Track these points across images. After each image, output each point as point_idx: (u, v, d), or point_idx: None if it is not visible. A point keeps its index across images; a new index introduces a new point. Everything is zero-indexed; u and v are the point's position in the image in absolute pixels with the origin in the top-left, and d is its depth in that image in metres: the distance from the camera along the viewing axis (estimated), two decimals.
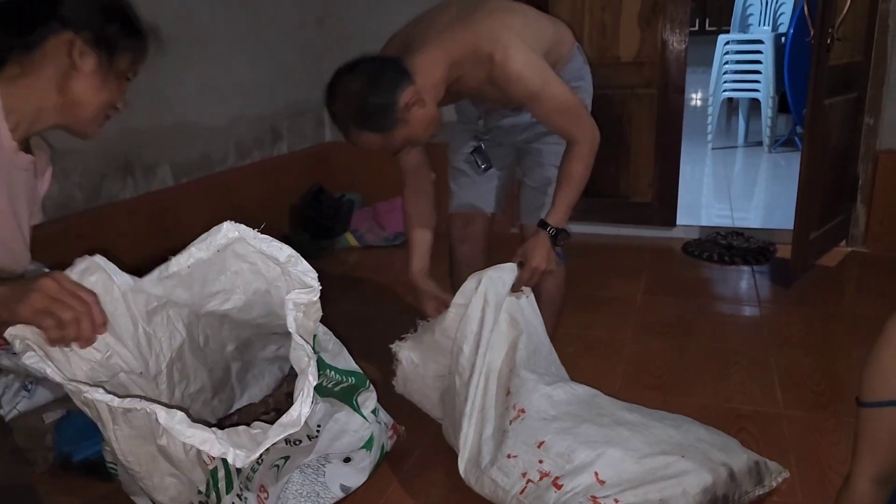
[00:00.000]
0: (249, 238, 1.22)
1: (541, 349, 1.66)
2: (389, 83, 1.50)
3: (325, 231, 3.36)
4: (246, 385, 1.63)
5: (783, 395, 1.96)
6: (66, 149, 2.25)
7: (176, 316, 1.32)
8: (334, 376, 1.35)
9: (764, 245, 3.17)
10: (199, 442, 1.04)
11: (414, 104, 1.53)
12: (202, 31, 2.79)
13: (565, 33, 1.83)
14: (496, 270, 1.63)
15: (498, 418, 1.49)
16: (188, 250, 1.23)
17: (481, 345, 1.53)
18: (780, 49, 4.95)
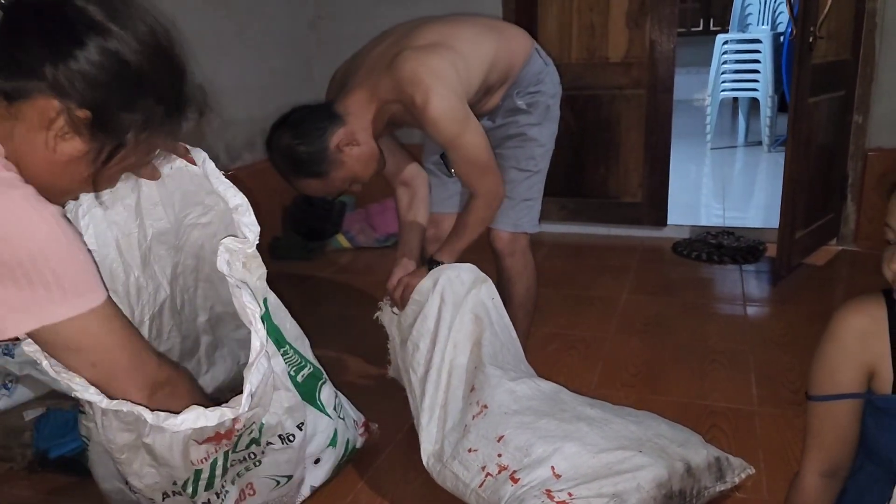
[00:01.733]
0: (211, 175, 1.25)
1: (508, 346, 1.67)
2: (317, 130, 1.61)
3: (317, 232, 3.39)
4: (213, 363, 1.65)
5: (758, 393, 1.97)
6: None
7: (161, 271, 1.36)
8: (295, 358, 1.37)
9: (754, 244, 3.16)
10: (193, 420, 1.07)
11: (346, 145, 1.64)
12: (190, 36, 2.81)
13: (517, 42, 1.81)
14: (453, 269, 1.64)
15: (460, 413, 1.51)
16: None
17: (438, 341, 1.54)
18: (778, 48, 4.94)
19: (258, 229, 1.24)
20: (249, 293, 1.18)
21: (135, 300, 1.34)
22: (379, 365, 2.15)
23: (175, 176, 1.29)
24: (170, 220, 1.34)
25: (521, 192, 1.86)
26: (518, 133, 1.84)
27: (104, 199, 1.23)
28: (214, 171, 1.26)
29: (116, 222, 1.28)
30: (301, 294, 2.90)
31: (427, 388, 1.52)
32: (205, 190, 1.29)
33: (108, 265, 1.29)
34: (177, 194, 1.31)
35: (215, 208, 1.32)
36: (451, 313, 1.57)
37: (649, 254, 3.22)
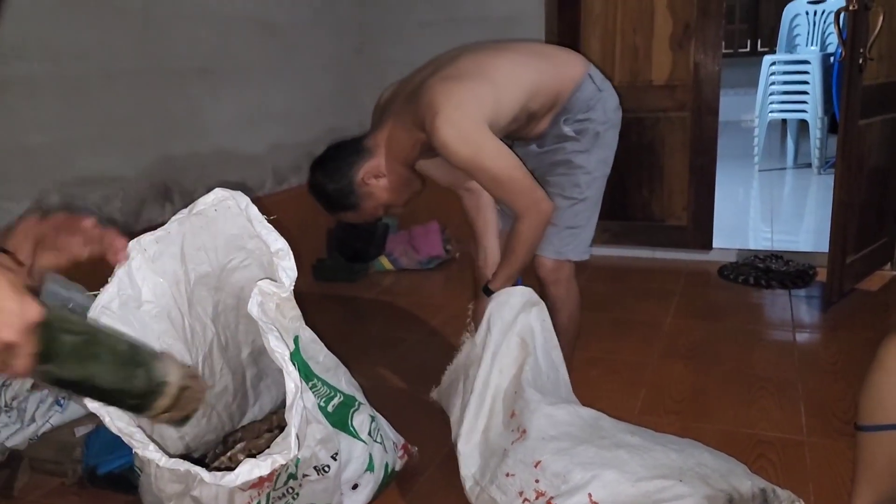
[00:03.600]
0: (253, 219, 1.28)
1: (549, 372, 1.66)
2: (343, 167, 1.71)
3: (361, 254, 3.42)
4: (259, 393, 1.68)
5: (808, 422, 1.91)
6: (108, 176, 2.38)
7: (203, 311, 1.40)
8: (323, 389, 1.39)
9: (803, 268, 3.09)
10: (248, 473, 1.10)
11: (373, 177, 1.71)
12: (239, 62, 2.92)
13: (567, 68, 1.80)
14: (504, 294, 1.65)
15: (499, 437, 1.51)
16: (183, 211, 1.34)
17: (482, 366, 1.55)
18: (828, 69, 4.85)
19: (295, 275, 1.27)
20: (277, 336, 1.21)
21: (190, 343, 1.38)
22: (420, 387, 2.16)
23: (220, 219, 1.33)
24: (212, 264, 1.38)
25: (566, 220, 1.84)
26: (564, 160, 1.82)
27: (151, 252, 1.28)
28: (257, 216, 1.30)
29: (165, 272, 1.33)
30: (344, 315, 2.94)
31: (468, 412, 1.52)
32: (247, 234, 1.33)
33: (166, 313, 1.34)
34: (220, 239, 1.34)
35: (256, 252, 1.35)
36: (497, 339, 1.57)
37: (694, 278, 3.17)
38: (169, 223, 1.33)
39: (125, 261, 1.25)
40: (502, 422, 1.54)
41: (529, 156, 1.91)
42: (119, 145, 2.41)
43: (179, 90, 2.63)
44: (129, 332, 1.29)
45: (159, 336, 1.34)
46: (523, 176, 1.63)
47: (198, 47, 2.71)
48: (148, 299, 1.31)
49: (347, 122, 3.63)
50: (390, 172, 1.73)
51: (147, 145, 2.52)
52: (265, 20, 3.04)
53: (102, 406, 1.10)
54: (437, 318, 2.81)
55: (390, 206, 1.78)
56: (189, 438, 1.49)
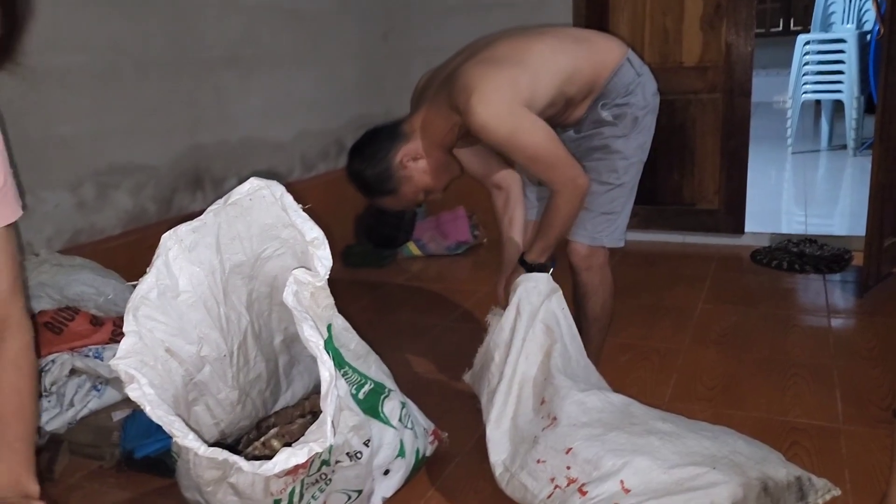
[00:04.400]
0: (288, 208, 1.29)
1: (578, 358, 1.65)
2: (379, 151, 1.70)
3: (389, 240, 3.41)
4: (291, 380, 1.70)
5: (844, 409, 1.88)
6: (140, 164, 2.41)
7: (238, 300, 1.42)
8: (354, 377, 1.39)
9: (839, 253, 3.03)
10: (285, 461, 1.12)
11: (409, 161, 1.71)
12: (266, 50, 2.93)
13: (605, 53, 1.77)
14: (531, 280, 1.64)
15: (530, 424, 1.50)
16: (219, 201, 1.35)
17: (511, 353, 1.54)
18: (864, 48, 4.73)
19: (330, 263, 1.28)
20: (311, 324, 1.22)
21: (226, 332, 1.40)
22: (450, 373, 2.17)
23: (255, 208, 1.33)
24: (246, 253, 1.39)
25: (601, 205, 1.82)
26: (602, 145, 1.80)
27: (187, 242, 1.29)
28: (292, 204, 1.31)
29: (201, 261, 1.34)
30: (373, 302, 2.95)
31: (497, 398, 1.52)
32: (282, 223, 1.33)
33: (203, 303, 1.36)
34: (255, 227, 1.35)
35: (290, 241, 1.36)
36: (526, 325, 1.57)
37: (726, 262, 3.13)
38: (205, 213, 1.34)
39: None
40: (532, 408, 1.54)
41: (566, 142, 1.89)
42: (150, 134, 2.44)
43: (208, 79, 2.65)
44: (167, 321, 1.31)
45: (196, 325, 1.35)
46: (560, 151, 1.63)
47: (225, 36, 2.72)
48: (185, 289, 1.33)
49: (374, 109, 3.63)
50: (428, 155, 1.72)
51: (177, 134, 2.55)
52: (291, 8, 3.05)
53: (143, 395, 1.12)
54: (467, 303, 2.81)
55: (430, 190, 1.77)
56: (224, 425, 1.51)
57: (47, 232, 2.16)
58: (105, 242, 2.29)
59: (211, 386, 1.41)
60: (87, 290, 2.04)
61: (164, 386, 1.27)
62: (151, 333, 1.28)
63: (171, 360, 1.31)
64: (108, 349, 1.92)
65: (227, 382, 1.44)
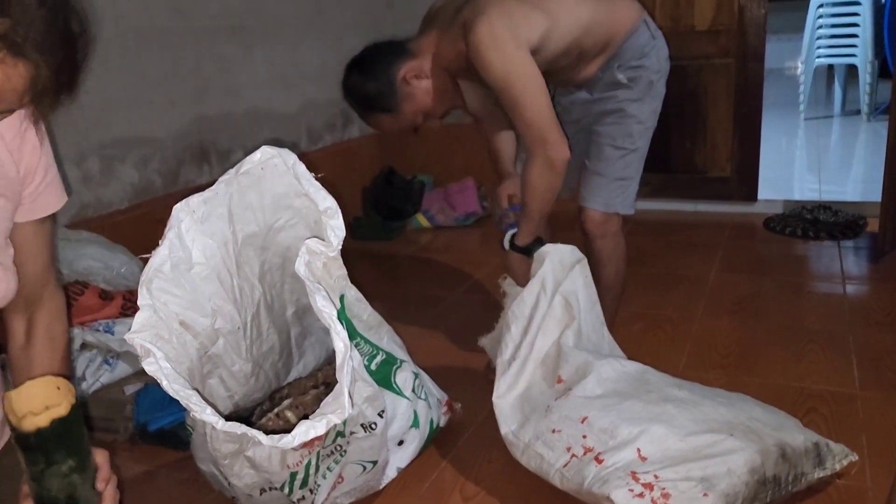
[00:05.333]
0: (301, 177, 1.27)
1: (592, 334, 1.63)
2: (383, 65, 1.62)
3: (397, 212, 3.41)
4: (303, 352, 1.69)
5: (860, 375, 1.86)
6: (145, 137, 2.39)
7: (251, 271, 1.41)
8: (366, 348, 1.38)
9: (853, 219, 2.99)
10: (304, 434, 1.11)
11: (413, 78, 1.63)
12: (270, 20, 2.88)
13: (623, 11, 1.73)
14: (557, 252, 1.58)
15: (541, 395, 1.49)
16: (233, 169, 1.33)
17: (530, 330, 1.53)
18: (879, 10, 4.63)
19: (343, 233, 1.25)
20: (324, 295, 1.20)
21: (239, 304, 1.38)
22: (461, 343, 2.16)
23: (267, 177, 1.31)
24: (259, 224, 1.37)
25: (616, 171, 1.79)
26: (617, 108, 1.76)
27: (199, 213, 1.27)
28: (305, 174, 1.28)
29: (213, 233, 1.33)
30: (382, 274, 2.93)
31: (510, 371, 1.51)
32: (294, 192, 1.31)
33: (216, 275, 1.34)
34: (267, 197, 1.33)
35: (303, 211, 1.34)
36: (548, 301, 1.54)
37: (739, 230, 3.10)
38: (217, 184, 1.32)
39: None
40: (546, 385, 1.52)
41: (577, 104, 1.86)
42: (154, 106, 2.41)
43: (211, 50, 2.61)
44: (181, 294, 1.29)
45: (210, 297, 1.34)
46: (547, 111, 1.56)
47: (228, 6, 2.68)
48: (198, 261, 1.31)
49: None
50: (433, 76, 1.66)
51: (182, 106, 2.52)
52: None
53: (160, 369, 1.11)
54: (476, 274, 2.80)
55: (429, 114, 1.70)
56: (238, 397, 1.50)
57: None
58: (112, 216, 2.27)
59: (225, 358, 1.40)
60: (96, 264, 2.03)
61: (179, 359, 1.26)
62: (166, 307, 1.26)
63: (186, 334, 1.30)
64: (119, 323, 1.92)
65: (241, 355, 1.42)
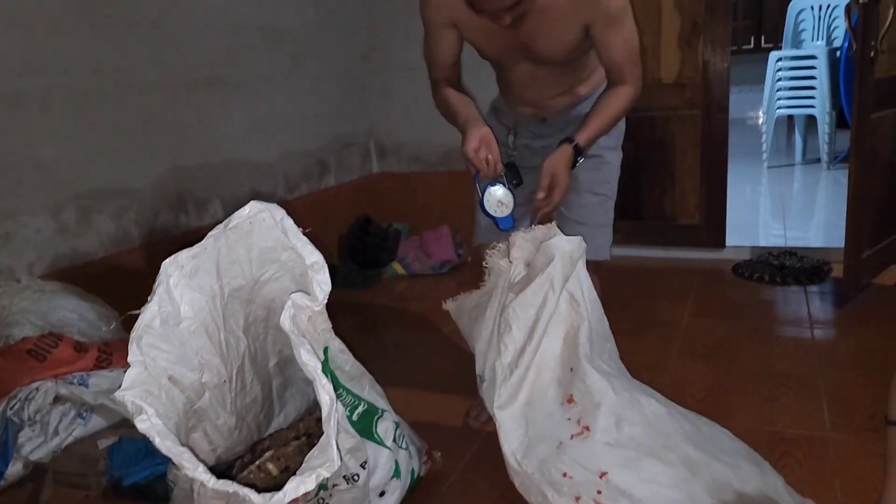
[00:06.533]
0: (289, 231, 1.29)
1: (605, 343, 1.59)
2: None
3: (373, 260, 3.43)
4: (284, 402, 1.68)
5: (831, 418, 1.90)
6: (122, 187, 2.39)
7: (236, 323, 1.41)
8: (348, 398, 1.39)
9: (818, 265, 3.08)
10: (295, 490, 1.11)
11: None
12: (248, 71, 2.93)
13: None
14: (569, 245, 1.48)
15: (551, 421, 1.44)
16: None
17: (535, 332, 1.45)
18: (835, 64, 4.84)
19: (329, 288, 1.28)
20: (308, 349, 1.21)
21: (226, 357, 1.39)
22: (438, 392, 2.16)
23: (255, 231, 1.33)
24: (245, 277, 1.39)
25: (598, 218, 1.80)
26: (595, 154, 1.77)
27: (188, 268, 1.29)
28: (293, 228, 1.31)
29: (202, 287, 1.34)
30: (359, 322, 2.93)
31: (511, 379, 1.44)
32: (281, 246, 1.33)
33: (204, 329, 1.35)
34: (255, 251, 1.35)
35: (289, 264, 1.36)
36: (555, 300, 1.45)
37: (709, 276, 3.16)
38: (205, 238, 1.34)
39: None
40: (554, 400, 1.45)
41: (541, 146, 1.80)
42: (132, 157, 2.42)
43: (190, 100, 2.65)
44: (170, 349, 1.30)
45: (197, 351, 1.34)
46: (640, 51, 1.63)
47: (207, 57, 2.72)
48: (187, 315, 1.32)
49: (356, 128, 3.65)
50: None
51: (160, 156, 2.53)
52: (272, 27, 3.05)
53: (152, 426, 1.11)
54: (452, 323, 2.79)
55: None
56: (221, 451, 1.49)
57: (28, 258, 2.13)
58: (88, 267, 2.26)
59: (210, 412, 1.39)
60: (70, 315, 2.01)
61: (167, 415, 1.26)
62: (155, 362, 1.27)
63: (174, 389, 1.30)
64: (93, 375, 1.90)
65: (226, 408, 1.42)
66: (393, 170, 3.79)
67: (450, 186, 3.58)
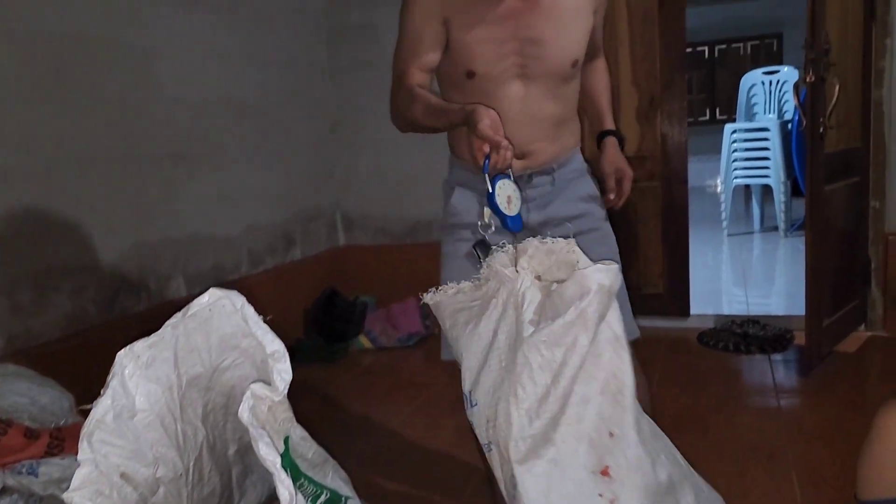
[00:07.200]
0: (249, 319, 1.26)
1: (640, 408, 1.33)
2: None
3: (339, 334, 3.39)
4: (244, 491, 1.61)
5: (801, 491, 1.89)
6: (81, 265, 2.34)
7: (194, 412, 1.36)
8: (310, 488, 1.34)
9: (780, 333, 3.12)
10: None
11: None
12: (215, 144, 2.94)
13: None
14: (604, 274, 1.21)
15: (578, 490, 1.19)
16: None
17: (562, 378, 1.21)
18: (787, 135, 5.03)
19: (290, 377, 1.25)
20: (267, 441, 1.18)
21: (182, 449, 1.34)
22: (406, 471, 2.10)
23: (215, 319, 1.31)
24: (204, 365, 1.35)
25: (620, 294, 1.61)
26: (593, 227, 1.67)
27: (144, 358, 1.26)
28: (253, 316, 1.29)
29: (158, 377, 1.30)
30: (324, 399, 2.87)
31: (531, 429, 1.19)
32: (242, 332, 1.31)
33: (160, 421, 1.30)
34: (214, 338, 1.33)
35: (249, 351, 1.33)
36: (589, 339, 1.22)
37: (675, 345, 3.18)
38: (163, 328, 1.31)
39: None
40: (584, 465, 1.20)
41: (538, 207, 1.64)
42: (93, 233, 2.38)
43: (154, 175, 2.63)
44: (123, 444, 1.25)
45: (152, 445, 1.29)
46: None
47: (173, 131, 2.72)
48: (142, 407, 1.27)
49: (323, 201, 3.66)
50: None
51: (121, 232, 2.50)
52: (239, 101, 3.08)
53: None
54: (420, 397, 2.77)
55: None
56: None
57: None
58: (42, 348, 2.19)
59: None
60: (22, 400, 1.93)
61: None
62: (106, 459, 1.21)
63: (126, 486, 1.24)
64: (44, 463, 1.81)
65: (182, 503, 1.36)
66: (360, 242, 3.79)
67: (417, 258, 3.58)
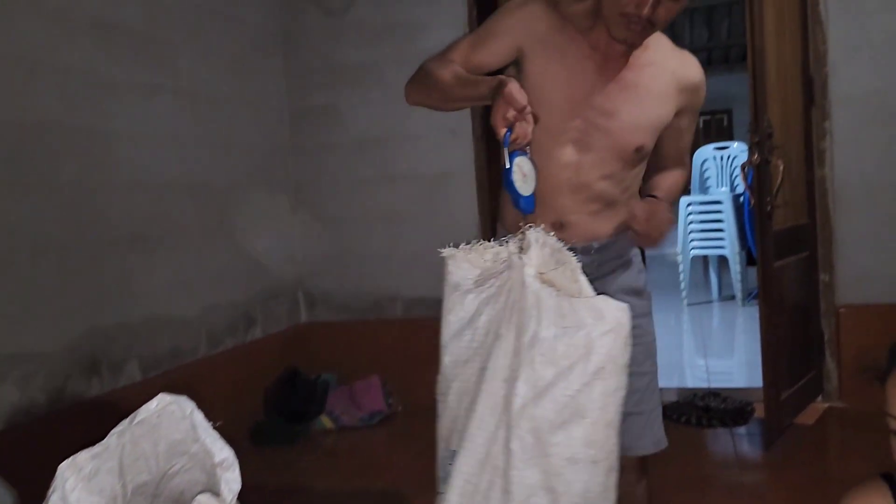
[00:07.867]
0: (198, 426, 1.23)
1: None
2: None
3: (300, 414, 3.31)
4: None
5: None
6: (29, 352, 2.28)
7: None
8: None
9: (741, 406, 3.14)
10: None
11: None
12: (173, 226, 2.91)
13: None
14: (617, 311, 1.21)
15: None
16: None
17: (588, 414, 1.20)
18: (739, 207, 5.19)
19: (239, 486, 1.24)
20: None
21: None
22: None
23: (163, 425, 1.28)
24: (151, 472, 1.32)
25: (652, 401, 1.53)
26: (635, 325, 1.32)
27: (87, 470, 1.23)
28: (203, 423, 1.27)
29: (102, 489, 1.27)
30: (284, 483, 2.79)
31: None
32: (191, 438, 1.29)
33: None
34: (162, 445, 1.30)
35: (199, 455, 1.31)
36: (580, 381, 1.19)
37: None
38: (108, 436, 1.27)
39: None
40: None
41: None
42: (44, 319, 2.33)
43: (110, 259, 2.60)
44: None
45: None
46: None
47: (130, 215, 2.70)
48: None
49: (284, 281, 3.63)
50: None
51: (74, 317, 2.44)
52: (200, 183, 3.07)
53: None
54: (384, 478, 2.71)
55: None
56: None
57: None
58: None
59: None
60: None
61: None
62: None
63: None
64: None
65: None
66: (322, 319, 3.76)
67: (379, 335, 3.56)
